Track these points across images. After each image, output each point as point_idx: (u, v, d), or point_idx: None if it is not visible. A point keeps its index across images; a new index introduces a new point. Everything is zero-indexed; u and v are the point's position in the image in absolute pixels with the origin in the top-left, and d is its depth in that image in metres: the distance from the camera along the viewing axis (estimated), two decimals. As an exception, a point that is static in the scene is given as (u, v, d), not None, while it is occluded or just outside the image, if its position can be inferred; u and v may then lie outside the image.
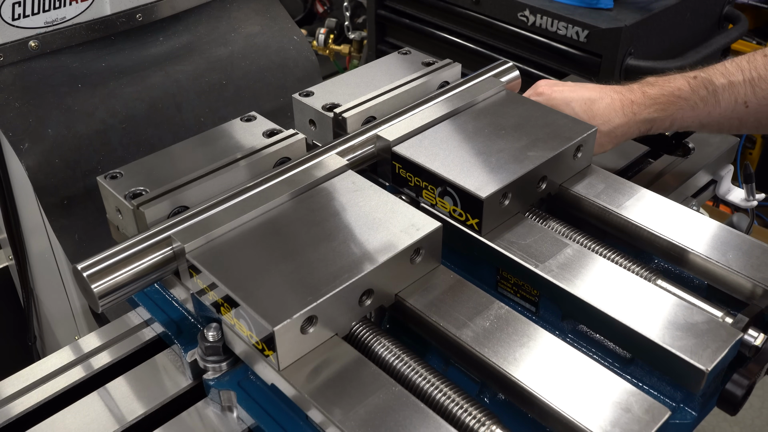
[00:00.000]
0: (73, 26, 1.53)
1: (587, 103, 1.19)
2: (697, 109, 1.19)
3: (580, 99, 1.20)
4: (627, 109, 1.19)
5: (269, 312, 0.79)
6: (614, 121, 1.18)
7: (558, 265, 0.94)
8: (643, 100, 1.19)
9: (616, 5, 2.24)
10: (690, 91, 1.19)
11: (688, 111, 1.19)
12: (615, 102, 1.19)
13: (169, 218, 0.94)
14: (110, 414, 0.91)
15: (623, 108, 1.19)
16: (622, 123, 1.18)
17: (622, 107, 1.19)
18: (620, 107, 1.19)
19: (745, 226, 1.46)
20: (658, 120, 1.19)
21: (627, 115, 1.18)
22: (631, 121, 1.18)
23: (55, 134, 1.47)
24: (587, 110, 1.18)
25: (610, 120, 1.18)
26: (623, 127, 1.18)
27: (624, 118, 1.18)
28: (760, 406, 2.59)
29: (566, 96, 1.20)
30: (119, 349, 1.02)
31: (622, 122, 1.18)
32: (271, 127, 1.12)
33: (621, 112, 1.18)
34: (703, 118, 1.20)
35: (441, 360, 0.93)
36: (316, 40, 3.50)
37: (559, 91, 1.22)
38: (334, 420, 0.76)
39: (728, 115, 1.19)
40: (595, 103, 1.19)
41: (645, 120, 1.19)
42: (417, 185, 1.03)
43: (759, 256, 0.96)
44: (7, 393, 0.95)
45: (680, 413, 0.85)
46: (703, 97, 1.18)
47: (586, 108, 1.19)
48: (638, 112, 1.18)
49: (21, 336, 1.93)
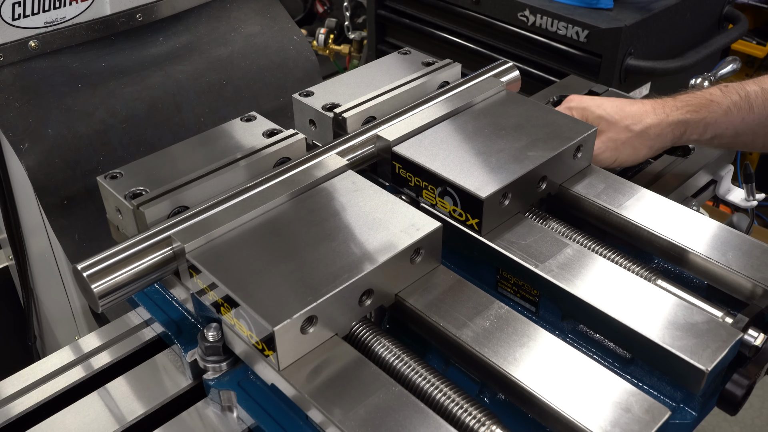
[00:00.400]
0: (73, 26, 1.53)
1: (619, 105, 1.19)
2: (730, 115, 1.17)
3: (612, 101, 1.20)
4: (659, 110, 1.18)
5: (269, 312, 0.79)
6: (646, 120, 1.17)
7: (558, 265, 0.94)
8: (675, 103, 1.18)
9: (616, 5, 2.24)
10: (722, 95, 1.17)
11: (722, 115, 1.17)
12: (646, 104, 1.19)
13: (169, 218, 0.94)
14: (110, 414, 0.91)
15: (654, 109, 1.18)
16: (654, 123, 1.16)
17: (653, 109, 1.18)
18: (651, 109, 1.18)
19: (745, 226, 1.46)
20: (692, 123, 1.17)
21: (659, 115, 1.17)
22: (664, 122, 1.17)
23: (55, 134, 1.47)
24: (619, 110, 1.18)
25: (642, 119, 1.17)
26: (656, 127, 1.17)
27: (656, 118, 1.17)
28: (760, 406, 2.59)
29: (598, 100, 1.21)
30: (119, 349, 1.02)
31: (654, 122, 1.17)
32: (271, 127, 1.12)
33: (653, 113, 1.17)
34: (737, 124, 1.17)
35: (441, 360, 0.93)
36: (316, 40, 3.50)
37: (590, 98, 1.23)
38: (334, 420, 0.76)
39: (763, 122, 1.17)
40: (626, 105, 1.19)
41: (678, 122, 1.17)
42: (417, 185, 1.03)
43: (759, 256, 0.96)
44: (7, 393, 0.95)
45: (680, 413, 0.85)
46: (735, 102, 1.16)
47: (618, 109, 1.18)
48: (670, 113, 1.17)
49: (21, 336, 1.93)
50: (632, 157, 1.17)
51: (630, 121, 1.17)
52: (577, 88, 1.50)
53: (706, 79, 1.66)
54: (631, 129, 1.16)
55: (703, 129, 1.18)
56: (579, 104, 1.21)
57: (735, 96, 1.17)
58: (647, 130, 1.17)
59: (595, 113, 1.18)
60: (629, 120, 1.17)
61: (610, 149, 1.17)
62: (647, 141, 1.18)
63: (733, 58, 1.81)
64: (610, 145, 1.18)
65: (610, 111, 1.18)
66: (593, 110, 1.18)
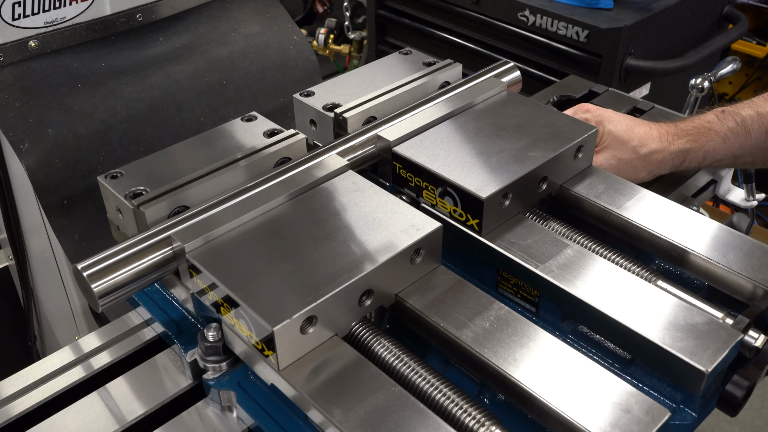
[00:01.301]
0: (73, 26, 1.53)
1: (629, 124, 1.22)
2: (728, 141, 1.20)
3: (624, 119, 1.23)
4: (663, 137, 1.21)
5: (269, 312, 0.79)
6: (651, 145, 1.20)
7: (558, 265, 0.94)
8: (677, 131, 1.22)
9: (616, 5, 2.24)
10: (719, 123, 1.21)
11: (720, 143, 1.21)
12: (653, 129, 1.22)
13: (169, 218, 0.94)
14: (110, 414, 0.91)
15: (660, 136, 1.21)
16: (658, 149, 1.20)
17: (659, 135, 1.21)
18: (657, 135, 1.21)
19: (745, 226, 1.46)
20: (691, 151, 1.21)
21: (663, 142, 1.21)
22: (666, 150, 1.20)
23: (55, 134, 1.47)
24: (628, 130, 1.21)
25: (647, 144, 1.20)
26: (659, 153, 1.20)
27: (660, 145, 1.20)
28: (760, 407, 2.59)
29: (611, 115, 1.24)
30: (119, 349, 1.02)
31: (657, 148, 1.20)
32: (271, 127, 1.12)
33: (657, 140, 1.21)
34: (735, 149, 1.21)
35: (441, 360, 0.93)
36: (316, 40, 3.50)
37: (606, 111, 1.26)
38: (333, 420, 0.75)
39: (761, 145, 1.20)
40: (636, 126, 1.22)
41: (679, 151, 1.21)
42: (417, 185, 1.03)
43: (759, 257, 0.96)
44: (7, 393, 0.95)
45: (680, 414, 0.85)
46: (732, 129, 1.20)
47: (627, 128, 1.21)
48: (672, 142, 1.21)
49: (21, 336, 1.93)
50: (630, 177, 1.19)
51: (637, 143, 1.20)
52: (577, 88, 1.50)
53: (706, 79, 1.66)
54: (637, 151, 1.20)
55: (702, 157, 1.22)
56: (595, 116, 1.24)
57: (731, 123, 1.21)
58: (651, 155, 1.21)
59: (606, 128, 1.21)
60: (636, 142, 1.20)
61: (612, 166, 1.20)
62: (648, 165, 1.22)
63: (733, 58, 1.81)
64: (613, 162, 1.20)
65: (620, 129, 1.21)
66: (606, 124, 1.22)
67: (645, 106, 1.43)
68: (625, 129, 1.21)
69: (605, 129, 1.21)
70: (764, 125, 1.19)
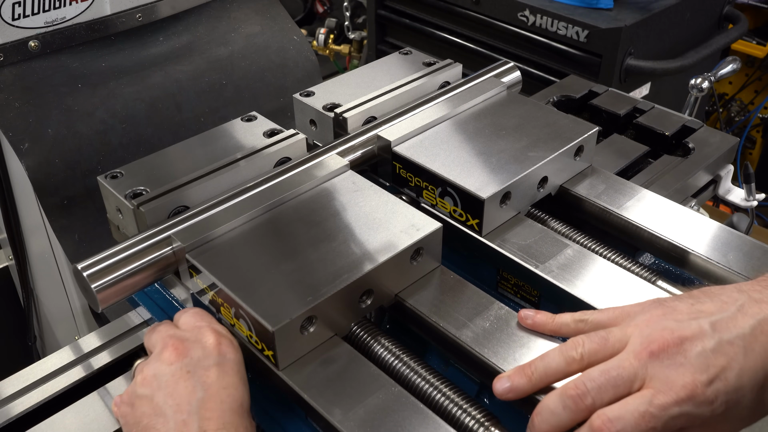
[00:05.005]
0: (73, 26, 1.53)
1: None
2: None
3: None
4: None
5: (269, 312, 0.79)
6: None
7: (558, 265, 0.94)
8: None
9: (616, 5, 2.24)
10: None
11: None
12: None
13: (169, 218, 0.94)
14: (110, 414, 0.91)
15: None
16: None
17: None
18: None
19: (745, 226, 1.46)
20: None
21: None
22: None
23: (55, 134, 1.47)
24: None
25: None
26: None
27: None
28: (760, 407, 2.58)
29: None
30: (119, 349, 1.02)
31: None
32: (271, 127, 1.12)
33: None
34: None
35: (441, 360, 0.93)
36: (316, 40, 3.50)
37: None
38: (333, 421, 0.75)
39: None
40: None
41: None
42: (417, 185, 1.03)
43: (759, 257, 0.96)
44: (7, 393, 0.95)
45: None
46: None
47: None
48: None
49: (21, 336, 1.93)
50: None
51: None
52: (577, 88, 1.49)
53: (706, 79, 1.66)
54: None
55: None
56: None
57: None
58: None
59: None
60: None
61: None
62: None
63: (733, 58, 1.82)
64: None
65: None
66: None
67: (645, 106, 1.43)
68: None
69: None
70: None
